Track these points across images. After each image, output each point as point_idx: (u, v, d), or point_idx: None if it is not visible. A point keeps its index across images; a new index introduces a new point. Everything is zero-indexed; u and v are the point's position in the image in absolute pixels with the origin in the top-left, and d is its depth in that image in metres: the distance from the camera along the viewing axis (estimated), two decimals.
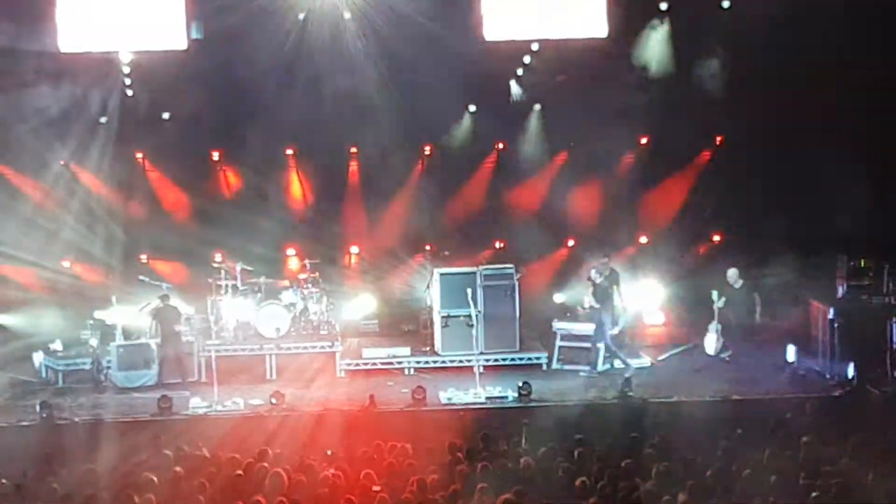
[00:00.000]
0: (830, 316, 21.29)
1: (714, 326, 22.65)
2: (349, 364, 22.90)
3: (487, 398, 20.46)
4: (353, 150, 27.63)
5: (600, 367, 22.48)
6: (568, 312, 23.74)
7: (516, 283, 23.14)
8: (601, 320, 22.35)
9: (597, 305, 22.48)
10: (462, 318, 22.55)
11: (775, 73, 24.04)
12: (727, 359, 22.64)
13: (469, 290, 22.10)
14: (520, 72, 26.48)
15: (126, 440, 17.83)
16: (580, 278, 23.89)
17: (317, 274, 24.79)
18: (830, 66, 23.32)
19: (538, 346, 23.51)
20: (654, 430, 16.97)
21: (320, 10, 23.47)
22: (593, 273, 22.60)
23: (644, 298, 24.90)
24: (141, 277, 24.30)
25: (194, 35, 23.29)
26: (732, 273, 22.79)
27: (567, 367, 22.74)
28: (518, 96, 27.12)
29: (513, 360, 22.87)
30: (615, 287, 22.67)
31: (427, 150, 27.75)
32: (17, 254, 25.37)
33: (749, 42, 23.67)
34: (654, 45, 24.88)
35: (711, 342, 22.76)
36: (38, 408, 19.92)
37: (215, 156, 27.50)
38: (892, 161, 23.75)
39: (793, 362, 21.75)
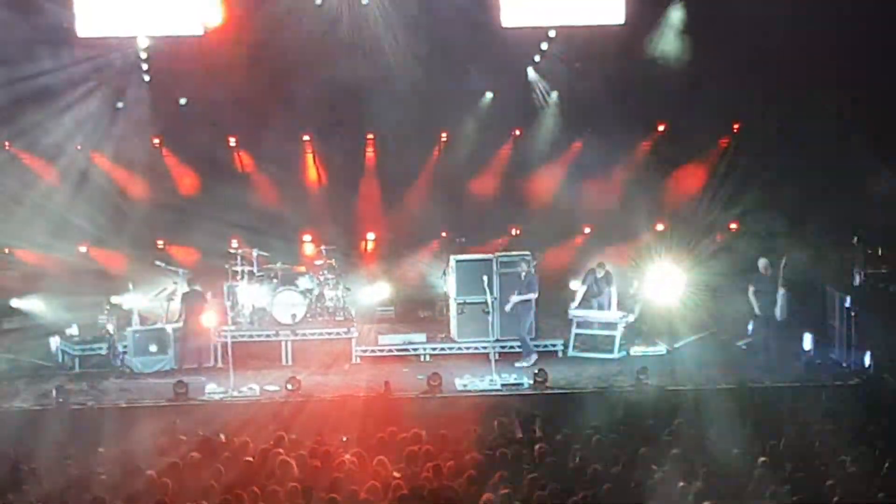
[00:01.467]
0: (847, 304, 21.22)
1: (781, 294, 21.49)
2: (365, 350, 22.89)
3: (503, 385, 20.45)
4: (370, 136, 27.66)
5: (616, 354, 22.45)
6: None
7: (533, 270, 23.10)
8: (528, 308, 22.44)
9: (532, 295, 22.53)
10: (478, 305, 22.53)
11: (793, 60, 23.91)
12: (744, 347, 22.55)
13: (485, 277, 22.06)
14: (537, 58, 26.46)
15: (142, 425, 17.83)
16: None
17: (333, 260, 24.79)
18: (849, 51, 23.20)
19: (554, 333, 23.47)
20: (669, 417, 16.95)
21: None
22: (523, 265, 22.62)
23: (661, 285, 24.77)
24: (157, 262, 24.34)
25: (210, 21, 23.30)
26: (763, 263, 21.89)
27: (583, 354, 22.70)
28: (535, 83, 27.10)
29: None
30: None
31: (443, 136, 27.74)
32: (33, 238, 25.44)
33: (766, 28, 23.53)
34: (671, 32, 24.79)
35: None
36: (53, 392, 19.97)
37: (232, 141, 27.55)
38: None
39: (809, 351, 21.65)
